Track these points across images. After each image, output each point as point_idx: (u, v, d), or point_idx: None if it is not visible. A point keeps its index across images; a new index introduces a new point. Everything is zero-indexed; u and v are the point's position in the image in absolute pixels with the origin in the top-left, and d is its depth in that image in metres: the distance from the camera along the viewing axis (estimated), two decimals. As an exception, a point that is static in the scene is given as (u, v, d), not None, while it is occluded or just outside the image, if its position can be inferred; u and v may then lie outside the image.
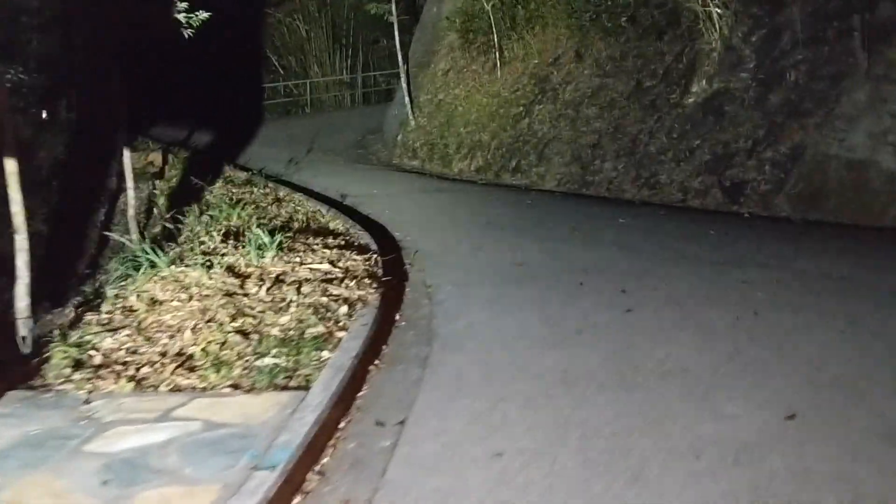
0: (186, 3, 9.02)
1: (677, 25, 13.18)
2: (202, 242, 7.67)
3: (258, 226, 7.89)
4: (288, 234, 7.86)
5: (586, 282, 6.67)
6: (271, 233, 7.58)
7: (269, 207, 10.25)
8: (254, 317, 5.34)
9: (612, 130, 13.46)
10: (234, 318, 5.25)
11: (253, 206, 10.07)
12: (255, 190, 11.39)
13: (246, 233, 7.78)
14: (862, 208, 9.46)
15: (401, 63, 18.69)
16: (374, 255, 7.30)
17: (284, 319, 5.30)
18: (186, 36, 9.23)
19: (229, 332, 5.02)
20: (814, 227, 9.09)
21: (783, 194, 10.61)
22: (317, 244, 7.49)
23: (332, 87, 27.55)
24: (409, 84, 18.89)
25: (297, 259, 6.80)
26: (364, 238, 8.25)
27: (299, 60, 26.84)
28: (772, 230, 8.94)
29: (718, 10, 12.13)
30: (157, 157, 14.02)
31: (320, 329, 5.11)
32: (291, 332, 5.08)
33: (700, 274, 6.80)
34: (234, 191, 11.26)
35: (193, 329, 5.04)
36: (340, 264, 6.78)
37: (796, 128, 10.85)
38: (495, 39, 16.56)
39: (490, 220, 9.91)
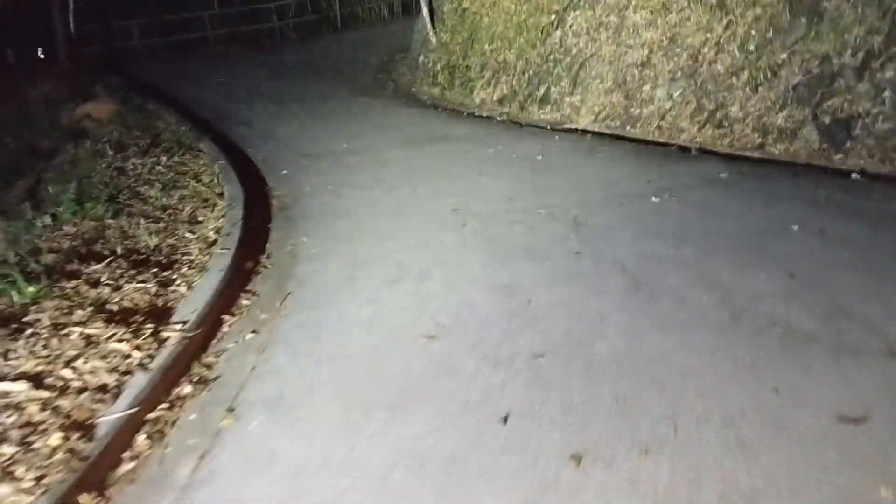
0: None
1: None
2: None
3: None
4: (88, 273, 4.59)
5: (517, 412, 3.09)
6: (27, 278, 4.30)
7: (153, 190, 6.92)
8: None
9: (666, 42, 9.44)
10: None
11: (129, 192, 6.79)
12: (165, 159, 8.06)
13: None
14: None
15: (415, -34, 14.69)
16: (175, 332, 3.86)
17: None
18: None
19: None
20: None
21: (913, 137, 6.63)
22: (95, 306, 4.15)
23: (367, -1, 23.59)
24: (428, -8, 14.95)
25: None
26: (212, 271, 4.83)
27: (328, -31, 22.90)
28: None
29: None
30: (101, 109, 10.84)
31: None
32: None
33: (748, 378, 3.15)
34: (136, 162, 7.98)
35: None
36: (65, 371, 3.38)
37: (935, 31, 6.77)
38: (523, -73, 12.45)
39: (463, 206, 6.36)
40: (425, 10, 14.47)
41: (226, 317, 4.52)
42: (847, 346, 3.43)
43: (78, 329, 3.90)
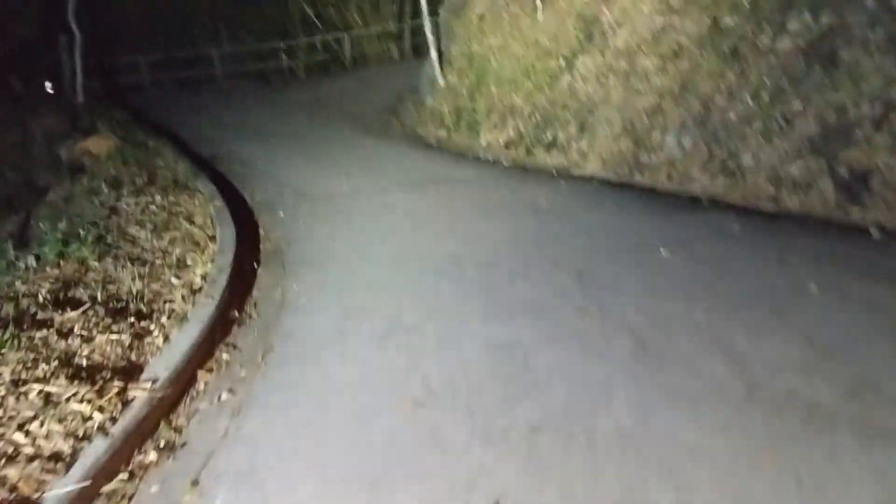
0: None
1: (770, -66, 8.73)
2: None
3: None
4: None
5: (509, 499, 2.85)
6: None
7: (144, 232, 6.65)
8: None
9: (677, 89, 9.19)
10: None
11: (118, 232, 6.52)
12: (159, 198, 7.81)
13: None
14: None
15: (424, 8, 14.59)
16: (143, 391, 3.54)
17: None
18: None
19: None
20: None
21: (935, 192, 6.34)
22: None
23: (377, 40, 23.52)
24: (437, 35, 14.83)
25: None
26: (193, 322, 4.52)
27: (339, 11, 22.84)
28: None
29: None
30: (101, 145, 10.64)
31: None
32: None
33: (767, 465, 2.87)
34: (130, 201, 7.72)
35: None
36: (17, 435, 3.06)
37: (956, 82, 6.51)
38: (534, -31, 12.39)
39: (463, 253, 6.09)
40: (433, 53, 14.34)
41: (202, 373, 4.20)
42: (876, 427, 3.09)
43: (38, 386, 3.58)
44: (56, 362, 3.94)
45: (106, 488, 3.09)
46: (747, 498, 2.72)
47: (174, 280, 5.62)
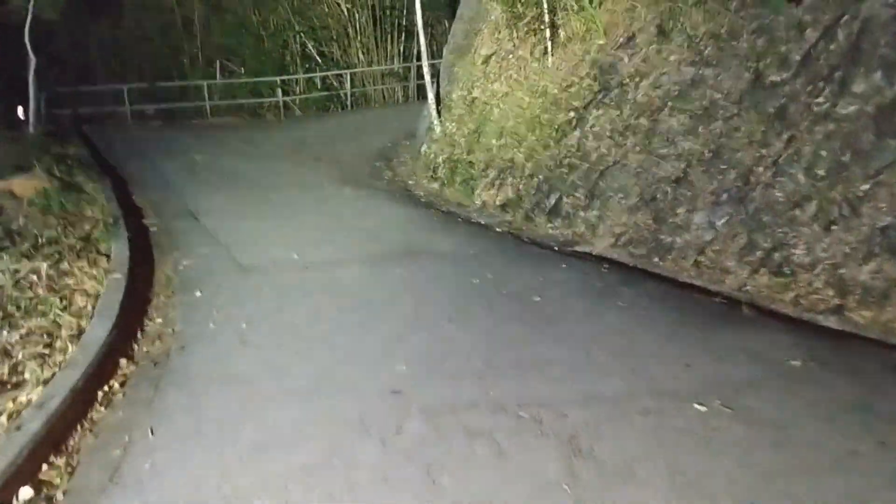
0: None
1: (830, -24, 6.91)
2: None
3: None
4: None
5: None
6: None
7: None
8: None
9: (709, 156, 7.31)
10: None
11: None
12: (46, 266, 5.89)
13: None
14: None
15: (423, 48, 12.81)
16: None
17: None
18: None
19: None
20: None
21: None
22: None
23: (381, 79, 21.80)
24: (436, 78, 13.07)
25: None
26: None
27: (341, 47, 21.14)
28: None
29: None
30: (27, 186, 8.82)
31: None
32: None
33: None
34: (8, 267, 5.78)
35: None
36: None
37: None
38: (545, 8, 10.61)
39: (411, 383, 4.27)
40: (431, 97, 12.51)
41: None
42: None
43: None
44: None
45: None
46: None
47: (-22, 414, 3.64)
